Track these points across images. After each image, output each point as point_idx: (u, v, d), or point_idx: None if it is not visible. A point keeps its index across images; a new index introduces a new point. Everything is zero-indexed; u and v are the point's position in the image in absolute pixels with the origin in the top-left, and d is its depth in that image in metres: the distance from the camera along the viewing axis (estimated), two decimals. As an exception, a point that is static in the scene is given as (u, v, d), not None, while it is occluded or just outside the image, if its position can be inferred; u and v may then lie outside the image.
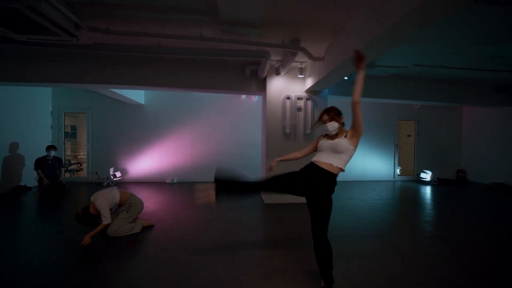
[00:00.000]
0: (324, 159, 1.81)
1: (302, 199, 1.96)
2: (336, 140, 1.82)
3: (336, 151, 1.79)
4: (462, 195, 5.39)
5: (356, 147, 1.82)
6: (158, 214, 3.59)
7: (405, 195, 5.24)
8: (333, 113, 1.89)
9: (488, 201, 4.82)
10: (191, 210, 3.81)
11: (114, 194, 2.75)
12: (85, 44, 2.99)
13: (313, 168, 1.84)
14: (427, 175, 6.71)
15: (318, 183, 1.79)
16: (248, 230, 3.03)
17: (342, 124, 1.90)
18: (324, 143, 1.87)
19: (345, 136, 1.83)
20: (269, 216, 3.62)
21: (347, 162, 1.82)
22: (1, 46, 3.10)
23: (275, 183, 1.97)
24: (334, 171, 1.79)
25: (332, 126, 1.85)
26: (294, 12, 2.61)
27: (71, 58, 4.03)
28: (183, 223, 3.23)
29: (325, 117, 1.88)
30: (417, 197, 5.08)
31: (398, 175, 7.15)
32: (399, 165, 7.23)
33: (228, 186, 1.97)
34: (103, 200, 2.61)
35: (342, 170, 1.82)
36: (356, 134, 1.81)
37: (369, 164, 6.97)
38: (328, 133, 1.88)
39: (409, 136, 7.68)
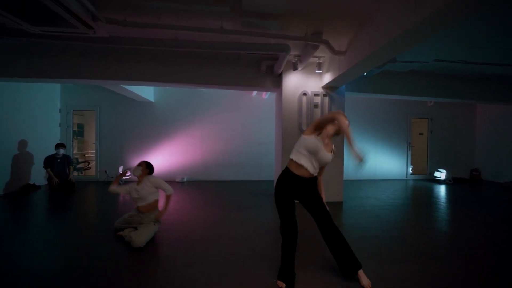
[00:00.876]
0: (309, 168, 1.81)
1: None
2: (329, 154, 1.87)
3: (322, 164, 1.87)
4: (480, 194, 5.25)
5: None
6: (173, 214, 3.49)
7: (422, 194, 5.11)
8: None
9: (507, 200, 4.68)
10: (203, 209, 3.71)
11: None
12: (100, 37, 2.88)
13: (295, 178, 1.84)
14: (441, 174, 6.56)
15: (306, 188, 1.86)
16: (264, 229, 2.92)
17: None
18: (321, 150, 1.82)
19: (332, 151, 1.90)
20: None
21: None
22: (15, 39, 3.00)
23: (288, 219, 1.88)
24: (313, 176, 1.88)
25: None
26: (320, 1, 2.48)
27: (84, 54, 3.93)
28: (202, 221, 3.13)
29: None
30: (434, 196, 4.95)
31: (411, 174, 7.01)
32: (411, 164, 7.08)
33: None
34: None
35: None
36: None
37: (381, 163, 6.84)
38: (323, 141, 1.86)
39: (421, 134, 7.53)
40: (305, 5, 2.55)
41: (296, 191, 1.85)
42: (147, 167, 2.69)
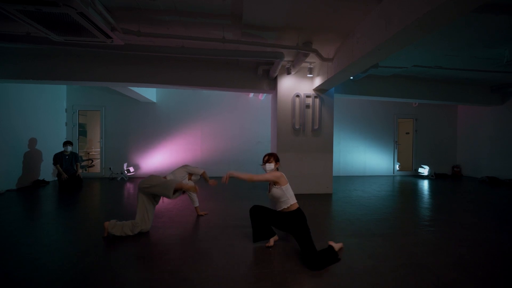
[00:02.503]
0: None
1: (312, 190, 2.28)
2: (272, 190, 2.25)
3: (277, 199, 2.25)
4: (458, 187, 5.76)
5: (283, 184, 2.23)
6: (183, 207, 3.85)
7: (405, 187, 5.59)
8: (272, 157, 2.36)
9: (481, 191, 5.19)
10: (209, 202, 4.08)
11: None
12: (117, 45, 3.24)
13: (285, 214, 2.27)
14: (424, 170, 7.08)
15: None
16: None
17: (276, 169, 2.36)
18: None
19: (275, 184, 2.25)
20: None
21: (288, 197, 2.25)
22: (39, 46, 3.33)
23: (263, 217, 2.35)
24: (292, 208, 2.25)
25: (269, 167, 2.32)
26: (310, 18, 2.91)
27: (95, 58, 4.28)
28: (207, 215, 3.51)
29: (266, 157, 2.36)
30: (416, 189, 5.43)
31: (397, 170, 7.52)
32: (398, 161, 7.59)
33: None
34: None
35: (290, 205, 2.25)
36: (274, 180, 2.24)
37: (369, 160, 7.32)
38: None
39: (407, 133, 8.05)
40: (297, 20, 2.97)
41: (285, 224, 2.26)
42: None
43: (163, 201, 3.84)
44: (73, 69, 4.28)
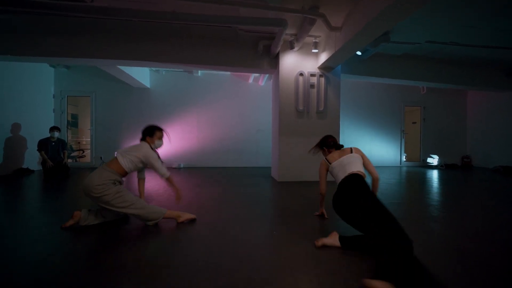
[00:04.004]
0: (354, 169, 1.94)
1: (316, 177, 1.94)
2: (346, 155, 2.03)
3: (354, 162, 1.98)
4: (470, 177, 5.39)
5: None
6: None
7: (414, 178, 5.22)
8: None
9: (496, 181, 4.83)
10: (206, 188, 3.72)
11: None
12: (99, 7, 2.86)
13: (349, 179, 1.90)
14: (434, 160, 6.72)
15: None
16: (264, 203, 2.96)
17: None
18: (339, 160, 2.02)
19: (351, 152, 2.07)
20: (285, 191, 3.55)
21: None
22: (15, 12, 2.95)
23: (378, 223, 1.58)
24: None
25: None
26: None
27: (79, 32, 3.89)
28: (204, 199, 3.14)
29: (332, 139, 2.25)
30: (426, 178, 5.07)
31: (404, 161, 7.15)
32: (404, 151, 7.22)
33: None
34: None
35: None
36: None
37: (375, 150, 6.95)
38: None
39: (414, 123, 7.69)
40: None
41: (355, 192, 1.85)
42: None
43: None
44: (56, 44, 3.88)
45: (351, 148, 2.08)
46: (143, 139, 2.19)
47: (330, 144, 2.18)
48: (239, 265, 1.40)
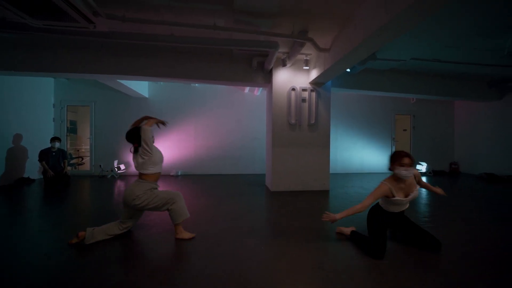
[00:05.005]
0: (403, 207, 2.08)
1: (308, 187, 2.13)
2: (413, 193, 1.99)
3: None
4: (456, 184, 5.67)
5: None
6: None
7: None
8: (413, 159, 1.96)
9: (479, 188, 5.11)
10: (201, 198, 3.91)
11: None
12: (101, 32, 3.05)
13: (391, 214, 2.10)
14: (422, 167, 6.99)
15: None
16: (255, 215, 3.16)
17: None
18: (404, 201, 1.99)
19: (417, 185, 2.06)
20: (277, 201, 3.76)
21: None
22: (15, 33, 3.12)
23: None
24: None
25: (411, 173, 1.94)
26: (305, 3, 2.75)
27: (83, 48, 4.07)
28: (198, 210, 3.33)
29: (408, 160, 1.91)
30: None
31: (395, 168, 7.40)
32: (395, 158, 7.47)
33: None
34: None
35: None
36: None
37: (367, 157, 7.20)
38: (403, 177, 1.93)
39: (405, 130, 7.96)
40: (292, 6, 2.81)
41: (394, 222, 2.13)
42: None
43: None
44: (58, 60, 4.06)
45: (414, 177, 2.01)
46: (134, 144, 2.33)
47: (404, 163, 1.90)
48: (229, 277, 1.60)
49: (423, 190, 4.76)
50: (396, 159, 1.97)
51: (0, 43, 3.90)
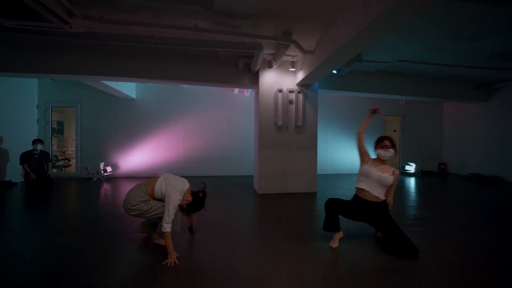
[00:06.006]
0: (371, 190, 2.14)
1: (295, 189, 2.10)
2: (384, 174, 2.10)
3: (381, 184, 2.12)
4: (443, 184, 5.73)
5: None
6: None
7: (397, 185, 5.51)
8: (393, 142, 2.19)
9: (465, 188, 5.17)
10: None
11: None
12: (78, 33, 2.96)
13: (362, 201, 2.19)
14: (411, 167, 7.05)
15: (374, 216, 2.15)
16: (243, 217, 3.12)
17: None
18: (373, 172, 2.14)
19: (392, 174, 2.13)
20: (263, 204, 3.73)
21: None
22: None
23: (337, 207, 2.24)
24: (380, 200, 2.14)
25: (390, 154, 2.15)
26: (286, 4, 2.72)
27: (63, 49, 3.96)
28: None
29: (388, 142, 2.16)
30: (403, 186, 5.36)
31: (385, 168, 7.46)
32: (385, 158, 7.53)
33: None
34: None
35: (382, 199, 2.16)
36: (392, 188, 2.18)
37: (357, 157, 7.22)
38: (381, 157, 2.17)
39: (395, 131, 8.02)
40: (272, 6, 2.77)
41: (362, 212, 2.18)
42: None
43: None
44: (38, 60, 3.94)
45: (394, 171, 2.14)
46: (193, 193, 2.23)
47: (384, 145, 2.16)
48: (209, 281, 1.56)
49: (411, 191, 4.79)
50: (378, 141, 2.24)
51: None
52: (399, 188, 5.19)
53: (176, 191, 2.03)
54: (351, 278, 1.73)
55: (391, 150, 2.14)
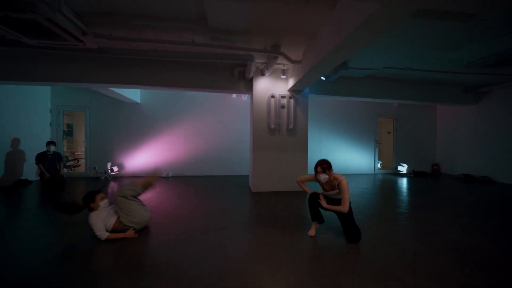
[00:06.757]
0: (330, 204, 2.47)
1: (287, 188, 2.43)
2: (332, 192, 2.45)
3: (335, 197, 2.45)
4: (433, 185, 5.97)
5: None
6: (158, 204, 3.99)
7: (381, 185, 5.78)
8: (325, 166, 2.41)
9: (455, 188, 5.42)
10: (185, 199, 4.23)
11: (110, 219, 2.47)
12: (90, 48, 3.37)
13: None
14: (403, 168, 7.30)
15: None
16: (238, 213, 3.48)
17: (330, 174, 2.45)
18: (324, 192, 2.53)
19: (338, 185, 2.39)
20: (255, 201, 4.07)
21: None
22: (14, 48, 3.44)
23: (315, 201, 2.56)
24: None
25: (324, 177, 2.41)
26: (273, 22, 3.07)
27: (76, 60, 4.36)
28: (179, 209, 3.64)
29: (319, 169, 2.41)
30: (393, 186, 5.63)
31: (379, 169, 7.73)
32: (379, 159, 7.80)
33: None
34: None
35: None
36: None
37: (350, 158, 7.52)
38: (322, 181, 2.45)
39: (389, 133, 8.28)
40: (261, 24, 3.13)
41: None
42: None
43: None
44: (52, 70, 4.35)
45: (338, 183, 2.37)
46: (88, 208, 2.45)
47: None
48: (199, 269, 1.92)
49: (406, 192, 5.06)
50: (314, 168, 2.48)
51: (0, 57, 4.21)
52: (388, 187, 5.47)
53: (90, 219, 2.39)
54: (318, 259, 2.06)
55: (323, 175, 2.38)
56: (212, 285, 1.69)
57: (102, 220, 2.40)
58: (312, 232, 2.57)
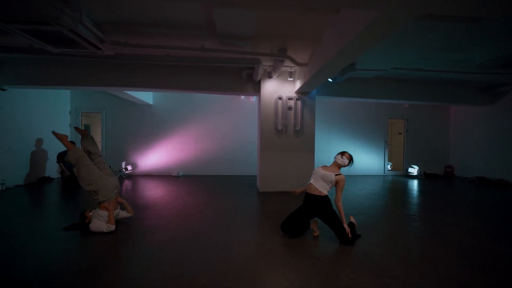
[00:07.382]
0: (315, 184, 2.55)
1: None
2: (328, 173, 2.53)
3: (325, 180, 2.52)
4: (446, 187, 5.84)
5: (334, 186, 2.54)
6: (169, 202, 4.18)
7: (391, 187, 5.73)
8: (351, 158, 2.64)
9: (466, 190, 5.29)
10: (196, 197, 4.40)
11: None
12: (107, 55, 3.60)
13: (309, 196, 2.58)
14: (414, 170, 7.16)
15: (316, 208, 2.53)
16: (244, 211, 3.60)
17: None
18: (319, 170, 2.60)
19: (336, 175, 2.50)
20: (262, 200, 4.18)
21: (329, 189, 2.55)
22: (40, 56, 3.73)
23: (289, 226, 2.58)
24: (322, 194, 2.51)
25: (343, 161, 2.58)
26: (279, 28, 3.16)
27: (95, 66, 4.65)
28: (190, 207, 3.82)
29: (347, 154, 2.64)
30: (402, 188, 5.57)
31: (389, 170, 7.62)
32: (389, 161, 7.69)
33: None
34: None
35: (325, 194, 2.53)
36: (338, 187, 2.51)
37: (360, 159, 7.45)
38: (338, 161, 2.60)
39: (399, 134, 8.13)
40: (267, 30, 3.23)
41: (310, 207, 2.56)
42: None
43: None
44: (73, 75, 4.67)
45: (339, 173, 2.50)
46: (87, 224, 2.72)
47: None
48: (200, 267, 2.06)
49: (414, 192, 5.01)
50: (340, 152, 2.68)
51: (27, 63, 4.56)
52: (397, 189, 5.41)
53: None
54: (319, 259, 2.14)
55: (346, 160, 2.57)
56: (216, 279, 1.82)
57: (99, 220, 2.70)
58: (316, 232, 2.63)
